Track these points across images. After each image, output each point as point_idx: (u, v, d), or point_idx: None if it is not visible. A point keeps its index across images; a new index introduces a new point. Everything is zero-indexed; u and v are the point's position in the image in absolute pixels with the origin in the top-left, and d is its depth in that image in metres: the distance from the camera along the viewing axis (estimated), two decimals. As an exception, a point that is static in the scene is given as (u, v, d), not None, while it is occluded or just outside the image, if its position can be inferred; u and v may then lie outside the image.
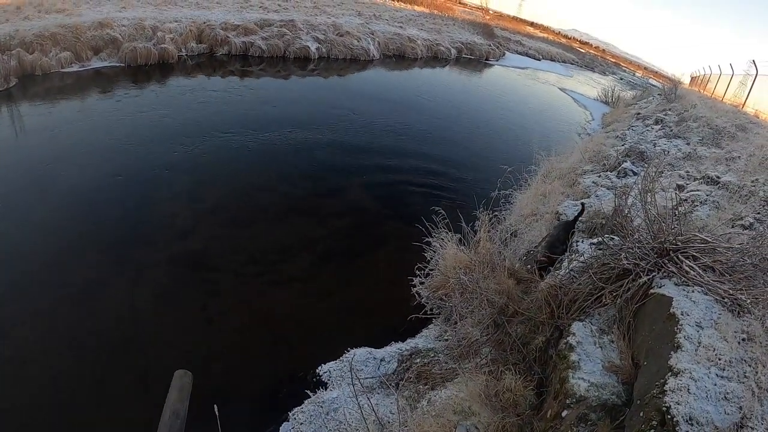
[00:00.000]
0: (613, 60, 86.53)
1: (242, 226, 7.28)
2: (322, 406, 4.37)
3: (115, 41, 15.06)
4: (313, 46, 20.28)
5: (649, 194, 4.31)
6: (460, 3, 67.46)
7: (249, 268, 6.37)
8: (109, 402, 4.34)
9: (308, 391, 4.57)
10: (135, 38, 15.53)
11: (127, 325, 5.17)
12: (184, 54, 16.78)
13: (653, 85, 46.29)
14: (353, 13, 29.07)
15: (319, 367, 4.88)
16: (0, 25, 14.29)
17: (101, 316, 5.23)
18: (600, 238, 4.65)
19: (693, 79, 44.16)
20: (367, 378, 4.46)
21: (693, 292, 3.55)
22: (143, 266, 6.09)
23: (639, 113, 19.17)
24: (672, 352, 3.05)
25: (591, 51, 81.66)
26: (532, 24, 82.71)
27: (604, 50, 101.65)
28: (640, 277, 3.78)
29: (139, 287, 5.74)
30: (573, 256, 4.49)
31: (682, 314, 3.31)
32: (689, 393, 2.73)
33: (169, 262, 6.23)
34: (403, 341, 5.37)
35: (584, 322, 3.83)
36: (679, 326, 3.21)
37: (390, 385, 4.37)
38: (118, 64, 14.67)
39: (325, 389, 4.61)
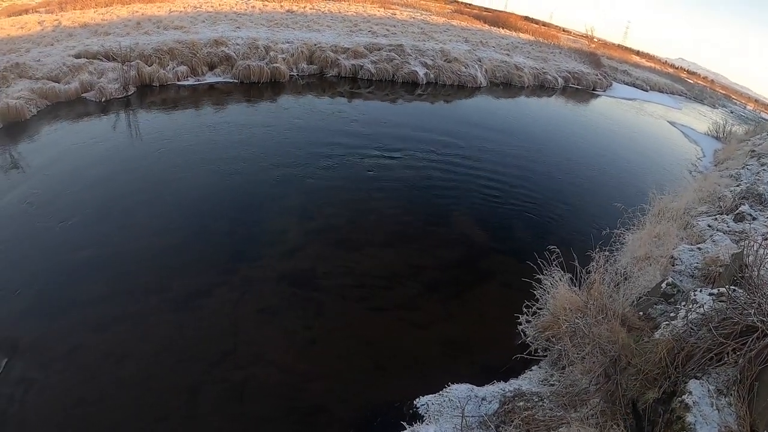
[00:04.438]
0: (723, 91, 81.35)
1: (350, 248, 7.43)
2: (418, 440, 4.36)
3: (230, 58, 16.34)
4: (421, 71, 20.68)
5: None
6: (564, 31, 66.34)
7: (354, 292, 6.49)
8: (201, 411, 4.53)
9: (404, 423, 4.56)
10: (248, 56, 16.75)
11: (228, 337, 5.38)
12: (294, 74, 17.80)
13: (766, 120, 43.18)
14: (460, 40, 29.49)
15: (417, 399, 4.86)
16: (121, 38, 16.05)
17: (202, 326, 5.48)
18: (721, 289, 4.39)
19: (809, 111, 40.70)
20: (468, 416, 4.42)
21: (827, 356, 3.29)
22: (249, 279, 6.34)
23: (753, 150, 17.94)
24: (799, 424, 2.84)
25: (699, 81, 77.27)
26: (638, 53, 79.37)
27: (712, 81, 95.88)
28: (767, 335, 3.53)
29: (244, 300, 5.97)
30: (691, 306, 4.26)
31: (813, 381, 3.08)
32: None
33: (276, 278, 6.45)
34: (506, 381, 5.23)
35: (701, 381, 3.62)
36: (809, 395, 2.99)
37: (490, 426, 4.31)
38: (231, 80, 15.85)
39: (422, 422, 4.58)
